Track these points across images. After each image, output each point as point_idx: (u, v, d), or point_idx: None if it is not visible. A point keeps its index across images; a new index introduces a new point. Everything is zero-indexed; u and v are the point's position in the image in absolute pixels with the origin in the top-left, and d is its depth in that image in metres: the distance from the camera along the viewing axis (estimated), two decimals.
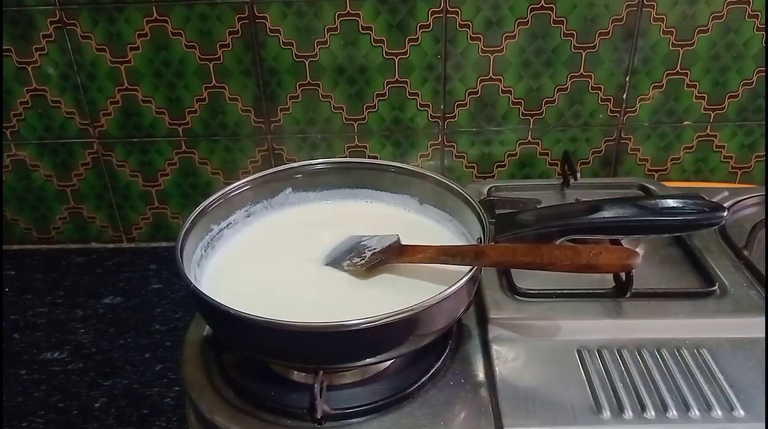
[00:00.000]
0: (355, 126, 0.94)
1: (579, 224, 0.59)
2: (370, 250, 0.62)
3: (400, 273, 0.62)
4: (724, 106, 0.91)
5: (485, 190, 0.87)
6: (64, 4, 0.85)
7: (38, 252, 1.03)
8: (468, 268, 0.55)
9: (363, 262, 0.61)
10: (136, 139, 0.95)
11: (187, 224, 0.62)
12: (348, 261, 0.62)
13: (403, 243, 0.62)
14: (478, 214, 0.62)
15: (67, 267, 0.98)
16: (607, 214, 0.59)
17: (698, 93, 0.90)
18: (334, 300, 0.60)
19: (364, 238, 0.64)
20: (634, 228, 0.59)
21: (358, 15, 0.85)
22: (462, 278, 0.52)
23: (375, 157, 0.96)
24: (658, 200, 0.59)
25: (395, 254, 0.61)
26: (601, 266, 0.54)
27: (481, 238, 0.60)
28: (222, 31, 0.86)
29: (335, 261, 0.64)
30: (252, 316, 0.49)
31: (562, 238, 0.60)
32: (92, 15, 0.86)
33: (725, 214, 0.56)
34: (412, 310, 0.49)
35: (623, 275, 0.64)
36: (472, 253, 0.57)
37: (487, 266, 0.58)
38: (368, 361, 0.54)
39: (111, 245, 1.04)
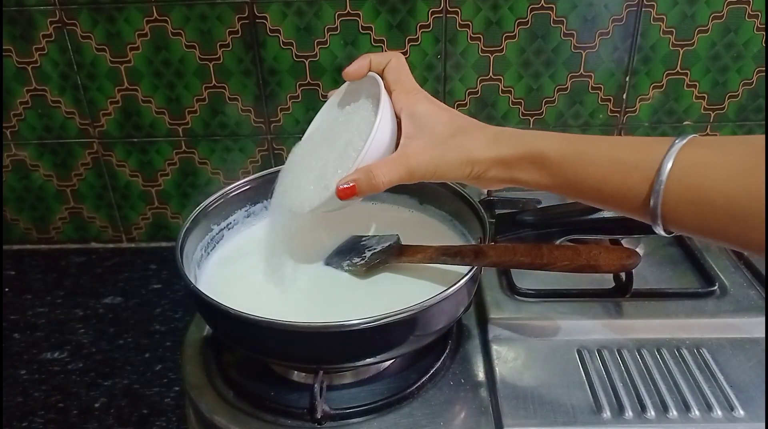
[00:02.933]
0: None
1: (579, 224, 0.59)
2: (370, 250, 0.62)
3: (400, 273, 0.62)
4: (724, 106, 0.91)
5: (485, 190, 0.87)
6: (64, 4, 0.85)
7: (38, 252, 1.03)
8: (468, 268, 0.55)
9: (363, 262, 0.61)
10: (136, 139, 0.95)
11: (187, 224, 0.62)
12: (348, 261, 0.62)
13: (403, 243, 0.62)
14: (478, 214, 0.62)
15: (67, 267, 0.98)
16: (607, 213, 0.59)
17: (698, 93, 0.90)
18: (335, 300, 0.60)
19: (364, 238, 0.64)
20: (634, 227, 0.59)
21: (358, 15, 0.85)
22: (462, 278, 0.52)
23: None
24: None
25: (395, 254, 0.61)
26: (600, 266, 0.54)
27: (481, 238, 0.60)
28: (222, 31, 0.86)
29: (335, 261, 0.64)
30: (252, 317, 0.49)
31: (562, 238, 0.60)
32: (92, 15, 0.86)
33: None
34: (412, 310, 0.49)
35: (623, 275, 0.64)
36: (471, 253, 0.57)
37: (487, 266, 0.58)
38: (368, 361, 0.54)
39: (111, 245, 1.04)
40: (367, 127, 0.53)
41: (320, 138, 0.59)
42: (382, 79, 0.54)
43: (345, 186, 0.50)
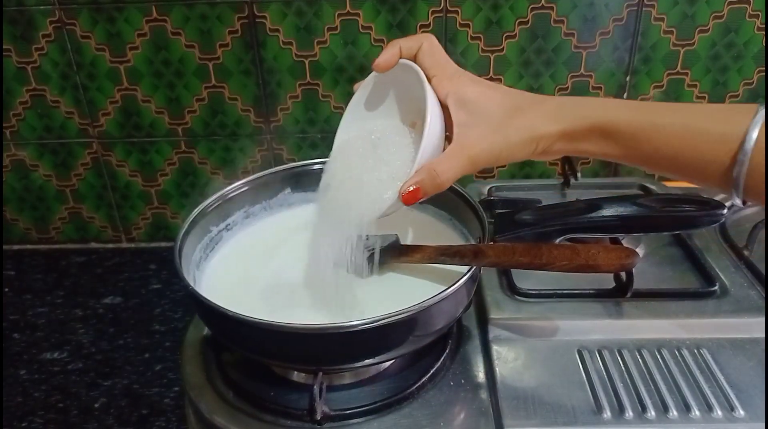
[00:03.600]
0: None
1: (578, 222, 0.59)
2: (369, 250, 0.62)
3: (399, 273, 0.62)
4: None
5: (485, 190, 0.87)
6: (64, 4, 0.85)
7: (38, 252, 1.03)
8: (467, 267, 0.54)
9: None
10: (135, 139, 0.95)
11: (186, 225, 0.62)
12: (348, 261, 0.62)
13: (402, 243, 0.62)
14: (478, 213, 0.62)
15: (67, 267, 0.98)
16: (606, 212, 0.58)
17: (698, 93, 0.90)
18: (334, 300, 0.60)
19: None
20: (634, 226, 0.59)
21: (358, 14, 0.85)
22: (461, 278, 0.52)
23: None
24: (657, 198, 0.58)
25: (395, 254, 0.61)
26: (600, 266, 0.54)
27: (480, 238, 0.60)
28: (222, 31, 0.86)
29: (335, 261, 0.63)
30: (251, 318, 0.49)
31: (562, 238, 0.60)
32: (92, 15, 0.86)
33: (725, 211, 0.56)
34: (412, 310, 0.49)
35: (623, 275, 0.64)
36: (471, 252, 0.57)
37: (486, 266, 0.58)
38: (368, 361, 0.54)
39: (111, 245, 1.04)
40: (412, 122, 0.51)
41: (363, 141, 0.56)
42: (417, 65, 0.51)
43: (409, 190, 0.48)
